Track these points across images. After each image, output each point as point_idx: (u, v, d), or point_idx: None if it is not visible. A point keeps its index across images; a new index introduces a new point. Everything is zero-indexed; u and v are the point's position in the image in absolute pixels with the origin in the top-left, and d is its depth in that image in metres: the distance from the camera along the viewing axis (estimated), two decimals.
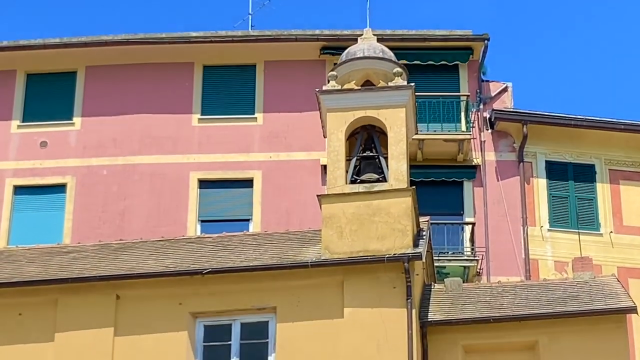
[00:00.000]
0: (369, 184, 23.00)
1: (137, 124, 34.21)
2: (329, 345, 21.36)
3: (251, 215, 32.94)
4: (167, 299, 22.18)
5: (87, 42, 34.90)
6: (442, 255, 30.62)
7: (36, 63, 35.10)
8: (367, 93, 23.87)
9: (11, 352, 22.31)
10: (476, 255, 31.78)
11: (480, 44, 34.08)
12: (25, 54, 35.04)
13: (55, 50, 34.95)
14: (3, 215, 33.40)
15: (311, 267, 21.87)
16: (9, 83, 34.97)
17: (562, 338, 21.74)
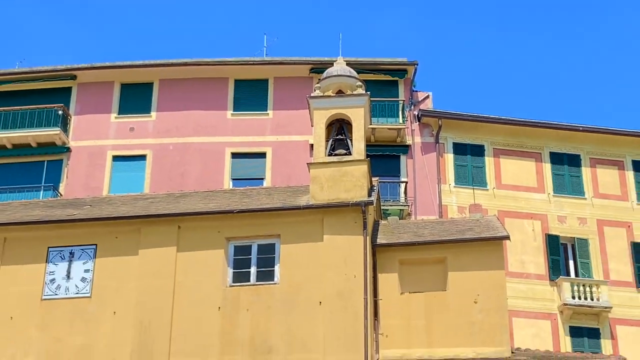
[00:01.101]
0: (340, 156, 23.19)
1: (191, 116, 34.29)
2: (314, 258, 21.55)
3: (264, 176, 33.04)
4: (210, 228, 22.21)
5: (160, 64, 34.93)
6: (386, 202, 30.75)
7: (127, 77, 35.03)
8: (339, 98, 24.04)
9: (111, 261, 22.32)
10: (407, 202, 31.99)
11: (412, 67, 34.26)
12: (119, 71, 35.00)
13: (139, 69, 34.93)
14: (106, 175, 33.40)
15: (303, 209, 22.12)
16: (109, 90, 34.90)
17: (461, 255, 21.60)
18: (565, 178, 33.60)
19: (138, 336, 21.29)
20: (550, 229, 32.52)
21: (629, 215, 33.16)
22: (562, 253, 32.30)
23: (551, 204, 33.01)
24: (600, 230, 32.73)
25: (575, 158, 33.96)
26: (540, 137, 34.07)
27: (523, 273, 31.48)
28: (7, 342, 21.62)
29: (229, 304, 21.41)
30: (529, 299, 30.97)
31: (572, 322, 30.95)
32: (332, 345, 20.53)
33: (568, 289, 31.09)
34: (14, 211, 24.72)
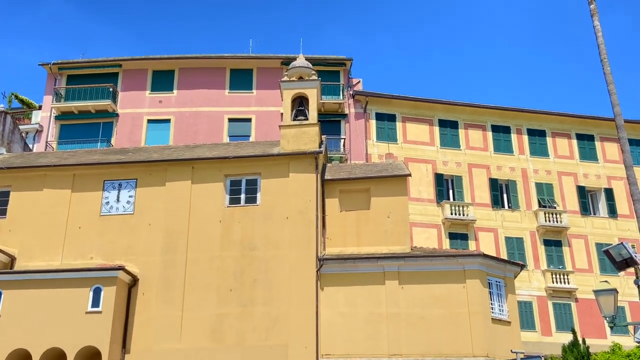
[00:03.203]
0: (300, 121, 23.05)
1: (201, 93, 33.67)
2: (283, 188, 21.58)
3: (250, 134, 32.72)
4: (214, 168, 22.06)
5: (179, 57, 34.07)
6: (331, 152, 30.77)
7: (157, 66, 34.16)
8: (300, 82, 23.87)
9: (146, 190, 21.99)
10: (345, 152, 32.03)
11: (349, 61, 33.91)
12: (151, 62, 34.11)
13: (165, 60, 34.12)
14: (142, 132, 32.81)
15: (276, 156, 22.03)
16: (144, 75, 34.06)
17: (380, 186, 21.83)
18: (448, 137, 33.85)
19: (165, 239, 21.28)
20: (437, 169, 32.90)
21: (488, 160, 33.66)
22: (445, 185, 32.77)
23: (438, 153, 33.31)
24: (469, 170, 33.21)
25: (455, 123, 34.19)
26: (431, 109, 34.11)
27: (419, 198, 31.92)
28: (78, 244, 21.46)
29: (226, 218, 21.42)
30: (423, 215, 31.45)
31: (451, 230, 31.55)
32: (295, 244, 20.74)
33: (448, 209, 31.63)
34: (80, 156, 24.27)
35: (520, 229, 32.28)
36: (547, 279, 31.27)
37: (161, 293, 20.44)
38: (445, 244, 30.96)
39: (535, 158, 34.14)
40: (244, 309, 20.05)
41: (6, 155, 25.39)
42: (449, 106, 34.29)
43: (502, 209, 32.61)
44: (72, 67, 33.96)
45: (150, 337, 19.86)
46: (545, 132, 34.87)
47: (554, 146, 34.67)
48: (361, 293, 19.86)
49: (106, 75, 33.96)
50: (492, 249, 30.79)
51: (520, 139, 34.45)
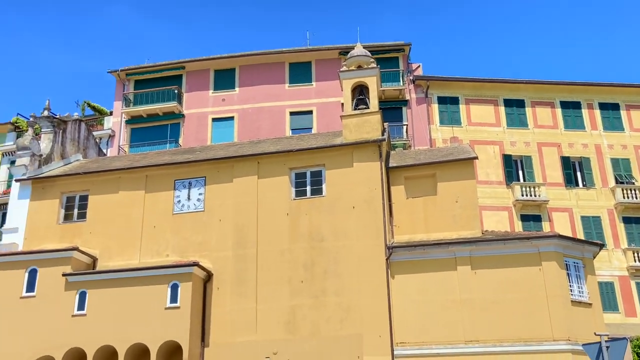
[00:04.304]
0: (361, 110, 22.90)
1: (262, 89, 34.06)
2: (348, 178, 21.53)
3: (312, 126, 32.86)
4: (278, 162, 22.21)
5: (240, 55, 34.60)
6: (394, 139, 30.50)
7: (218, 65, 34.81)
8: (359, 71, 23.70)
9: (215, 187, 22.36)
10: (408, 138, 31.65)
11: (408, 46, 33.53)
12: (213, 62, 34.77)
13: (226, 59, 34.67)
14: (208, 131, 33.52)
15: (339, 146, 21.97)
16: (207, 75, 34.80)
17: (446, 171, 21.47)
18: (514, 116, 32.91)
19: (236, 234, 21.64)
20: (505, 150, 32.05)
21: (559, 138, 32.48)
22: (514, 166, 31.87)
23: (505, 134, 32.43)
24: (539, 150, 32.20)
25: (521, 102, 33.20)
26: (495, 89, 33.28)
27: (488, 181, 31.21)
28: (153, 242, 22.14)
29: (293, 211, 21.58)
30: (492, 197, 30.74)
31: (522, 212, 30.72)
32: (362, 234, 20.67)
33: (519, 190, 30.78)
34: (151, 158, 25.03)
35: (596, 207, 31.01)
36: (628, 258, 29.90)
37: (235, 287, 20.85)
38: (518, 226, 30.14)
39: (610, 133, 32.69)
40: (316, 299, 20.18)
41: (83, 161, 26.51)
42: (514, 85, 33.28)
43: (576, 188, 31.42)
44: (139, 73, 35.07)
45: (227, 330, 20.31)
46: (618, 105, 33.34)
47: (628, 119, 33.08)
48: (433, 280, 19.59)
49: (171, 77, 34.88)
50: (568, 230, 29.75)
51: (592, 114, 33.05)
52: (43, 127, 25.77)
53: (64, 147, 26.23)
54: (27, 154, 24.17)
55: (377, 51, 32.52)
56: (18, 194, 23.74)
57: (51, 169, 24.71)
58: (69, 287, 20.66)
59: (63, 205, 23.35)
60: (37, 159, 24.37)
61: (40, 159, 24.50)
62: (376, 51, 32.40)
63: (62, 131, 26.23)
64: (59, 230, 22.77)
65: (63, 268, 20.91)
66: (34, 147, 24.56)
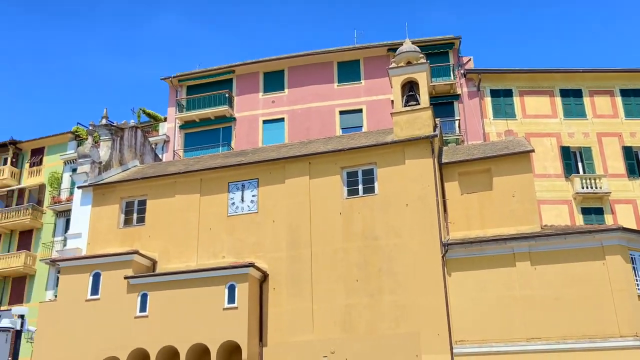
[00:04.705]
0: (412, 106, 22.74)
1: (311, 89, 34.17)
2: (400, 176, 21.41)
3: (362, 124, 32.78)
4: (330, 162, 22.30)
5: (287, 56, 34.82)
6: (446, 134, 30.07)
7: (267, 67, 35.05)
8: (409, 67, 23.55)
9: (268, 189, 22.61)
10: (461, 133, 31.18)
11: (457, 40, 33.00)
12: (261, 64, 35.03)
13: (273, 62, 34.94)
14: (259, 133, 33.88)
15: (390, 144, 21.90)
16: (256, 78, 35.17)
17: (501, 165, 21.15)
18: (571, 106, 31.95)
19: (289, 234, 21.86)
20: (563, 142, 31.14)
21: (619, 128, 31.34)
22: (572, 158, 30.94)
23: (562, 125, 31.52)
24: (599, 140, 31.16)
25: (578, 92, 32.20)
26: (550, 80, 32.36)
27: (546, 174, 30.40)
28: (210, 244, 22.53)
29: (346, 210, 21.62)
30: (551, 191, 29.92)
31: (583, 205, 29.79)
32: (417, 231, 20.53)
33: (578, 182, 29.87)
34: (205, 162, 25.56)
35: None
36: None
37: (290, 287, 21.07)
38: (579, 219, 29.26)
39: None
40: (372, 298, 20.18)
41: (140, 167, 27.33)
42: (570, 74, 32.31)
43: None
44: (190, 78, 35.83)
45: (284, 330, 20.55)
46: None
47: None
48: (491, 276, 19.27)
49: (221, 82, 35.48)
50: (632, 222, 28.70)
51: None
52: (102, 135, 26.69)
53: (122, 153, 27.09)
54: (87, 161, 25.08)
55: (426, 46, 32.20)
56: (80, 200, 24.67)
57: (110, 175, 25.57)
58: (130, 289, 21.34)
59: (123, 210, 24.12)
60: (97, 166, 25.25)
61: (100, 166, 25.38)
62: (425, 46, 32.09)
63: (119, 138, 27.10)
64: (119, 234, 23.53)
65: (125, 271, 21.62)
66: (93, 154, 25.46)
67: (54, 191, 37.16)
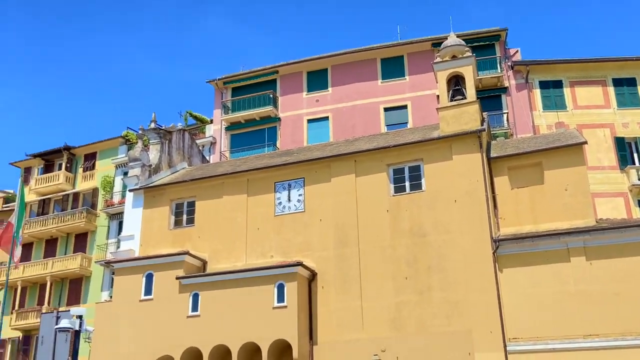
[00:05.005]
0: (458, 101, 22.45)
1: (355, 87, 34.15)
2: (448, 172, 21.19)
3: (407, 120, 32.57)
4: (375, 159, 22.23)
5: (330, 55, 34.94)
6: (494, 128, 29.51)
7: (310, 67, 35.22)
8: (454, 61, 23.23)
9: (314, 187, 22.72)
10: (509, 126, 30.62)
11: (504, 32, 32.46)
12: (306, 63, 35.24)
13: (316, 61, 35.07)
14: (304, 132, 34.07)
15: (437, 139, 21.69)
16: (300, 77, 35.34)
17: (553, 158, 20.68)
18: (625, 96, 30.98)
19: (337, 233, 21.90)
20: (617, 133, 30.21)
21: None
22: (627, 149, 30.01)
23: (616, 115, 30.59)
24: None
25: (632, 80, 31.19)
26: (602, 69, 31.45)
27: (600, 166, 29.58)
28: (258, 244, 22.84)
29: (393, 207, 21.53)
30: (605, 184, 29.10)
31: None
32: (466, 227, 20.29)
33: (634, 174, 29.03)
34: (251, 162, 25.85)
35: None
36: None
37: (339, 285, 21.11)
38: (636, 212, 28.36)
39: None
40: (422, 296, 20.03)
41: (188, 169, 27.86)
42: (623, 62, 31.35)
43: None
44: (235, 80, 36.31)
45: (334, 329, 20.61)
46: None
47: None
48: (544, 272, 18.87)
49: (265, 82, 35.82)
50: None
51: None
52: (151, 138, 27.33)
53: (171, 156, 27.68)
54: (137, 165, 25.72)
55: (471, 39, 31.74)
56: (132, 203, 25.31)
57: (160, 177, 26.16)
58: (182, 289, 21.79)
59: (173, 211, 24.63)
60: (147, 169, 25.86)
61: (150, 169, 25.99)
62: (471, 39, 31.64)
63: (168, 141, 27.70)
64: (170, 235, 24.04)
65: (176, 272, 22.08)
66: (143, 158, 26.09)
67: (107, 194, 38.27)
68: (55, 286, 37.53)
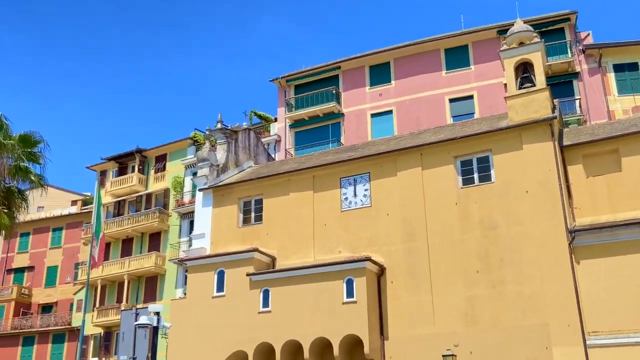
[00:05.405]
0: (527, 89, 21.88)
1: (418, 79, 33.70)
2: (518, 162, 20.70)
3: (474, 111, 31.89)
4: (442, 152, 22.01)
5: (393, 48, 34.72)
6: (566, 115, 28.44)
7: (372, 61, 35.09)
8: (522, 48, 22.73)
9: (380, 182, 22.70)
10: (582, 113, 29.49)
11: (573, 15, 31.20)
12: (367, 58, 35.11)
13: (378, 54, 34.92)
14: (368, 127, 33.96)
15: (506, 129, 21.26)
16: (362, 72, 35.25)
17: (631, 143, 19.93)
18: None
19: (404, 227, 21.82)
20: None
21: None
22: None
23: None
24: None
25: None
26: None
27: None
28: (325, 240, 22.96)
29: (462, 200, 21.25)
30: None
31: None
32: (539, 218, 19.79)
33: None
34: (316, 158, 26.09)
35: None
36: None
37: (408, 280, 21.01)
38: None
39: None
40: (494, 289, 19.66)
41: (255, 167, 28.38)
42: None
43: None
44: (297, 78, 36.63)
45: (405, 324, 20.54)
46: None
47: None
48: (624, 263, 18.14)
49: (328, 79, 35.91)
50: None
51: None
52: (218, 138, 28.01)
53: (237, 155, 28.27)
54: (206, 164, 26.42)
55: (539, 24, 30.70)
56: (202, 202, 26.04)
57: (228, 177, 26.78)
58: (253, 285, 22.25)
59: (241, 209, 25.17)
60: (215, 169, 26.53)
61: (218, 169, 26.64)
62: (538, 24, 30.60)
63: (234, 141, 28.30)
64: (239, 233, 24.58)
65: (246, 268, 22.57)
66: (211, 158, 26.77)
67: (178, 195, 39.53)
68: (132, 284, 39.10)
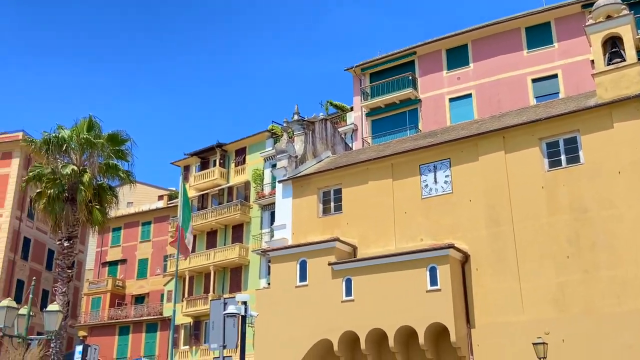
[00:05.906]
0: (616, 64, 20.86)
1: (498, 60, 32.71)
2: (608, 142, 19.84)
3: (559, 90, 30.59)
4: (526, 134, 21.47)
5: (470, 29, 33.95)
6: None
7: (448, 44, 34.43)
8: (610, 21, 21.68)
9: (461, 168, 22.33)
10: None
11: None
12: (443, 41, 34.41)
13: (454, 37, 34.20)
14: (446, 112, 33.38)
15: (594, 107, 20.41)
16: (439, 56, 34.57)
17: None
18: None
19: (488, 213, 21.42)
20: None
21: None
22: None
23: None
24: None
25: None
26: None
27: None
28: (406, 228, 22.84)
29: (549, 183, 20.62)
30: None
31: None
32: (634, 200, 19.01)
33: None
34: (394, 146, 25.98)
35: None
36: None
37: (494, 266, 20.62)
38: None
39: None
40: (587, 274, 18.98)
41: (333, 157, 28.61)
42: None
43: None
44: (372, 66, 36.46)
45: (491, 311, 20.20)
46: None
47: None
48: None
49: (403, 65, 35.52)
50: None
51: None
52: (295, 130, 28.42)
53: (315, 146, 28.58)
54: (284, 156, 26.89)
55: None
56: (282, 193, 26.55)
57: (306, 167, 27.14)
58: (335, 275, 22.52)
59: (320, 200, 25.47)
60: (293, 160, 26.96)
61: (296, 160, 27.06)
62: None
63: (311, 132, 28.63)
64: (320, 223, 24.89)
65: (328, 258, 22.86)
66: (289, 149, 27.22)
67: (258, 187, 40.52)
68: (218, 275, 40.53)
